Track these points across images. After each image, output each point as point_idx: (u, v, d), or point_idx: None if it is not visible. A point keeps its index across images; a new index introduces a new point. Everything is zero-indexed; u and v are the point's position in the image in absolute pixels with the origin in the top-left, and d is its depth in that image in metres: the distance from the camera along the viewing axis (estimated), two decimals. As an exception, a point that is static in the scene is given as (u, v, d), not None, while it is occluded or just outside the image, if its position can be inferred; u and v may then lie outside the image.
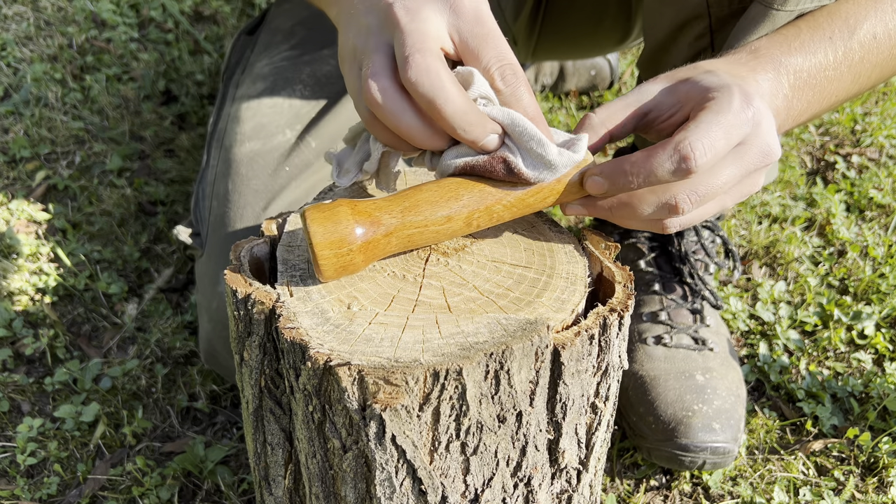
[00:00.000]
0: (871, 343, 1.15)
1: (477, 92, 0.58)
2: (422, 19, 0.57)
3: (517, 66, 0.59)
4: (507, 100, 0.59)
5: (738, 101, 0.58)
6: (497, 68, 0.58)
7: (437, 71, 0.55)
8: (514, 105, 0.59)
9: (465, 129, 0.56)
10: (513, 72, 0.58)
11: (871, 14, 0.70)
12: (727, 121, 0.58)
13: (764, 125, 0.60)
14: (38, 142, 1.49)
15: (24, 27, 1.73)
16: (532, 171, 0.59)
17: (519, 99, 0.59)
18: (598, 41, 1.28)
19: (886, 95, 1.63)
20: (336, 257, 0.55)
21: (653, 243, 1.10)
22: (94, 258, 1.28)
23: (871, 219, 1.37)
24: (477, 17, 0.58)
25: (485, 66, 0.58)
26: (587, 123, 0.64)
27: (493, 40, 0.58)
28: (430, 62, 0.55)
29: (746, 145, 0.60)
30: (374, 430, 0.53)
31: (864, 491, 0.98)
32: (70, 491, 0.99)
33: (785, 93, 0.66)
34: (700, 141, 0.57)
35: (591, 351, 0.58)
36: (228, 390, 1.10)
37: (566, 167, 0.59)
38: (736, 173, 0.60)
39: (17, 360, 1.15)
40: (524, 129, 0.57)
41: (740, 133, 0.59)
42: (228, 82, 1.11)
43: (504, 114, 0.58)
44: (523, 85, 0.59)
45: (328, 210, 0.55)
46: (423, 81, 0.55)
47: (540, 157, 0.58)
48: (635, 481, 1.01)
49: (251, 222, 0.95)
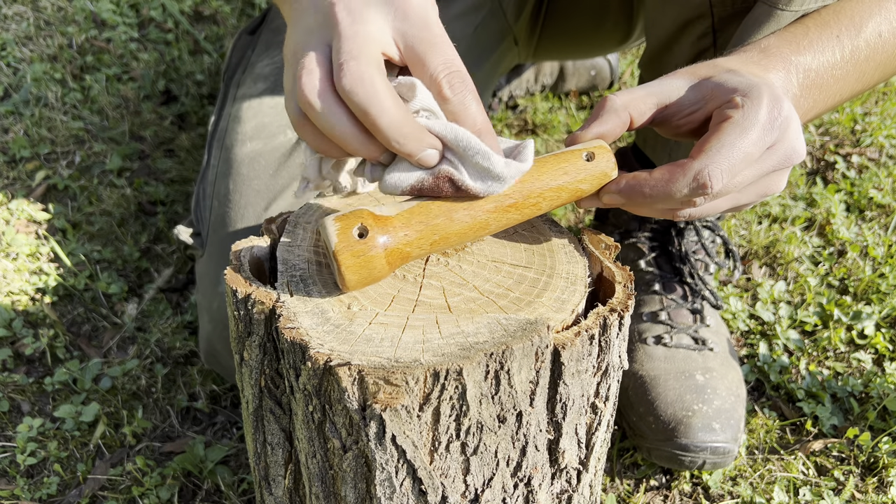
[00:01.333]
0: (871, 343, 1.15)
1: (418, 104, 0.55)
2: (363, 21, 0.55)
3: (465, 73, 0.56)
4: (454, 109, 0.56)
5: (767, 110, 0.58)
6: (444, 76, 0.55)
7: (371, 79, 0.52)
8: (462, 115, 0.56)
9: (400, 141, 0.54)
10: (461, 80, 0.56)
11: (875, 13, 0.70)
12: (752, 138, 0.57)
13: (792, 128, 0.59)
14: (38, 142, 1.49)
15: (24, 27, 1.73)
16: (479, 185, 0.57)
17: (466, 108, 0.56)
18: (599, 41, 1.28)
19: (886, 95, 1.63)
20: (360, 268, 0.55)
21: (653, 243, 1.10)
22: (94, 258, 1.28)
23: (871, 219, 1.37)
24: (424, 21, 0.56)
25: (431, 74, 0.55)
26: (608, 106, 0.62)
27: (440, 46, 0.56)
28: (365, 70, 0.52)
29: (772, 148, 0.59)
30: (374, 430, 0.53)
31: (864, 491, 0.98)
32: (70, 491, 0.99)
33: (794, 92, 0.66)
34: (719, 168, 0.57)
35: (591, 351, 0.58)
36: (228, 390, 1.10)
37: (514, 178, 0.58)
38: (755, 173, 0.60)
39: (17, 360, 1.15)
40: (468, 143, 0.55)
41: (768, 140, 0.59)
42: (229, 82, 1.11)
43: (447, 128, 0.55)
44: (471, 94, 0.56)
45: (350, 219, 0.55)
46: (357, 90, 0.52)
47: (486, 170, 0.56)
48: (635, 481, 1.01)
49: (252, 222, 0.95)
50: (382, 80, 0.53)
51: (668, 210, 0.62)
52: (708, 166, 0.57)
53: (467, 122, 0.56)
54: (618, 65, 1.65)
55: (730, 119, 0.58)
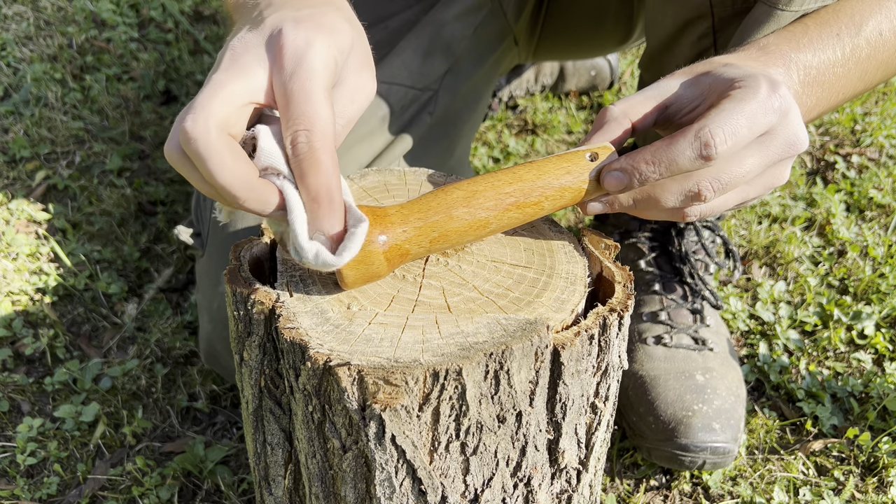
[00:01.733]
0: (871, 343, 1.15)
1: (263, 162, 0.52)
2: (238, 69, 0.52)
3: (316, 131, 0.51)
4: (298, 168, 0.52)
5: (765, 89, 0.58)
6: (292, 132, 0.51)
7: (206, 136, 0.49)
8: (301, 176, 0.52)
9: (243, 201, 0.51)
10: (307, 139, 0.51)
11: (876, 11, 0.70)
12: (751, 108, 0.57)
13: (791, 114, 0.59)
14: (38, 142, 1.49)
15: (24, 27, 1.73)
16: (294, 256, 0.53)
17: (304, 172, 0.51)
18: (599, 41, 1.28)
19: (886, 95, 1.63)
20: (359, 266, 0.55)
21: (653, 243, 1.10)
22: (94, 258, 1.28)
23: (871, 219, 1.37)
24: (294, 70, 0.52)
25: (286, 126, 0.52)
26: (608, 116, 0.62)
27: (300, 98, 0.51)
28: (203, 126, 0.49)
29: (772, 134, 0.59)
30: (374, 430, 0.53)
31: (864, 491, 0.98)
32: (70, 491, 0.99)
33: (796, 88, 0.66)
34: (721, 127, 0.56)
35: (590, 351, 0.58)
36: (228, 390, 1.10)
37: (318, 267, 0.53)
38: (761, 162, 0.59)
39: (17, 360, 1.15)
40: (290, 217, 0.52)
41: (766, 121, 0.58)
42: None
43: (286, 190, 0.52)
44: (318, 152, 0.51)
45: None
46: (190, 146, 0.50)
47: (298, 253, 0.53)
48: (635, 481, 1.01)
49: (253, 222, 0.95)
50: (220, 138, 0.50)
51: (676, 210, 0.61)
52: (708, 124, 0.56)
53: (304, 186, 0.52)
54: (618, 65, 1.65)
55: (728, 97, 0.58)
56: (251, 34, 0.54)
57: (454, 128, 1.13)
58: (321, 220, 0.52)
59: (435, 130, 1.09)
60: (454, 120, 1.13)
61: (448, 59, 1.09)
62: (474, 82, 1.14)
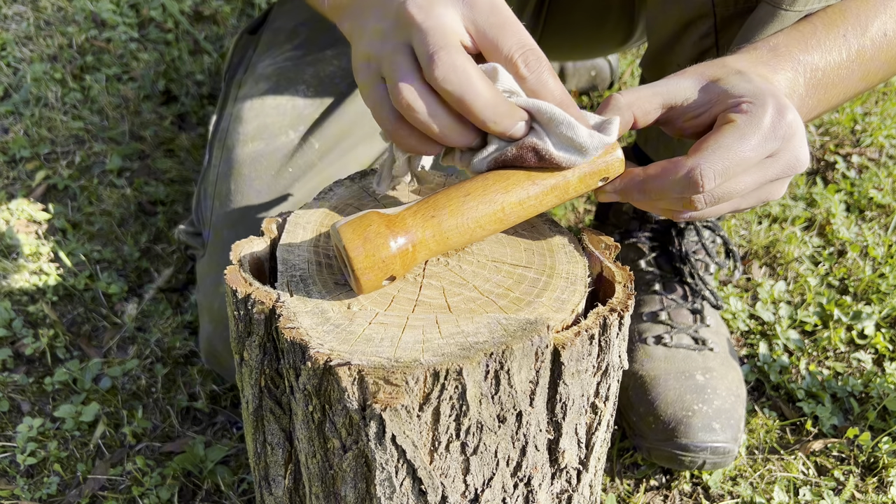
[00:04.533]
0: (871, 343, 1.15)
1: (502, 86, 0.57)
2: (437, 15, 0.56)
3: (539, 51, 0.58)
4: (532, 86, 0.58)
5: (771, 118, 0.58)
6: (520, 55, 0.57)
7: (463, 66, 0.54)
8: (541, 90, 0.58)
9: (497, 121, 0.56)
10: (536, 57, 0.57)
11: (881, 12, 0.70)
12: (751, 144, 0.58)
13: (796, 138, 0.60)
14: (38, 142, 1.49)
15: (24, 27, 1.73)
16: (564, 155, 0.58)
17: (544, 84, 0.58)
18: (600, 42, 1.28)
19: (886, 95, 1.63)
20: (375, 272, 0.55)
21: (653, 243, 1.10)
22: (94, 258, 1.28)
23: (871, 219, 1.37)
24: (492, 6, 0.57)
25: (506, 55, 0.57)
26: (613, 105, 0.62)
27: (511, 27, 0.57)
28: (456, 58, 0.54)
29: (774, 157, 0.60)
30: (374, 430, 0.53)
31: (864, 491, 0.98)
32: (70, 491, 0.99)
33: (800, 92, 0.66)
34: (712, 168, 0.57)
35: (591, 351, 0.58)
36: (228, 390, 1.10)
37: (597, 150, 0.59)
38: (757, 180, 0.60)
39: (17, 360, 1.15)
40: (552, 114, 0.57)
41: (769, 148, 0.59)
42: (231, 82, 1.11)
43: (530, 103, 0.57)
44: (547, 70, 0.58)
45: (363, 225, 0.55)
46: (451, 79, 0.54)
47: (570, 140, 0.57)
48: (635, 481, 1.01)
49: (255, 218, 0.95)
50: (472, 65, 0.55)
51: (669, 210, 0.63)
52: (701, 165, 0.57)
53: (547, 96, 0.58)
54: (618, 65, 1.65)
55: (732, 122, 0.59)
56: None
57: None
58: (575, 115, 0.58)
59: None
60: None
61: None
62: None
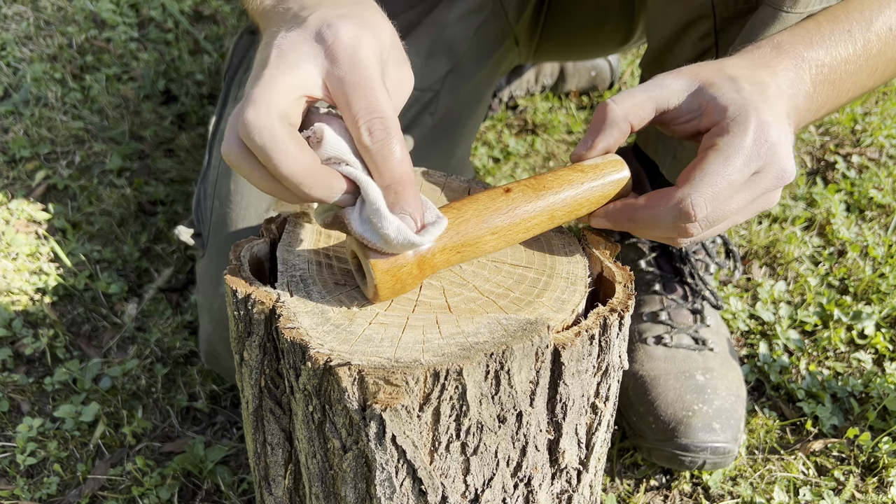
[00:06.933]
0: (871, 343, 1.15)
1: (327, 153, 0.54)
2: (288, 65, 0.54)
3: (389, 119, 0.54)
4: (373, 157, 0.53)
5: (753, 137, 0.59)
6: (365, 121, 0.53)
7: (269, 128, 0.51)
8: (381, 164, 0.53)
9: (308, 189, 0.52)
10: (383, 126, 0.53)
11: (885, 7, 0.70)
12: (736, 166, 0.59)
13: (780, 152, 0.60)
14: (37, 142, 1.49)
15: (23, 27, 1.73)
16: (368, 237, 0.54)
17: (386, 158, 0.53)
18: (600, 42, 1.28)
19: (886, 95, 1.63)
20: (393, 282, 0.55)
21: (653, 243, 1.10)
22: (94, 258, 1.28)
23: (871, 219, 1.37)
24: (352, 63, 0.53)
25: (353, 118, 0.53)
26: (610, 118, 0.63)
27: (365, 89, 0.53)
28: (265, 119, 0.51)
29: (760, 174, 0.60)
30: (375, 430, 0.53)
31: (864, 491, 0.98)
32: (70, 491, 0.99)
33: (807, 89, 0.66)
34: (703, 197, 0.58)
35: (591, 351, 0.58)
36: (228, 390, 1.10)
37: (402, 248, 0.54)
38: (748, 198, 0.61)
39: (17, 360, 1.15)
40: (366, 194, 0.53)
41: (754, 167, 0.60)
42: (231, 82, 1.11)
43: (354, 174, 0.54)
44: (394, 141, 0.53)
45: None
46: (253, 138, 0.51)
47: (375, 227, 0.53)
48: (635, 481, 1.01)
49: (253, 223, 0.95)
50: (282, 128, 0.52)
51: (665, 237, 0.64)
52: (691, 195, 0.58)
53: (385, 172, 0.54)
54: (618, 65, 1.65)
55: (715, 147, 0.59)
56: (295, 33, 0.55)
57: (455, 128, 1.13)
58: (405, 201, 0.54)
59: (436, 131, 1.09)
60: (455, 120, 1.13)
61: (450, 59, 1.09)
62: (475, 83, 1.14)
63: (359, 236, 0.54)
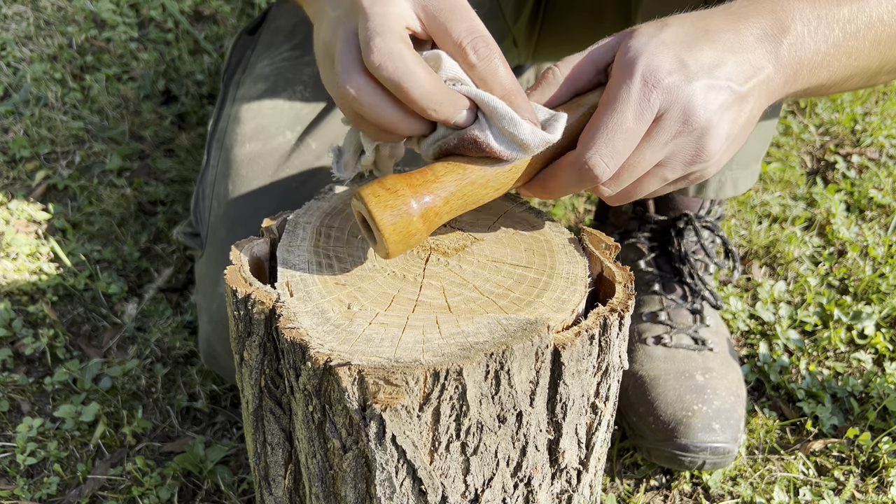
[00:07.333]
0: (871, 343, 1.15)
1: (446, 74, 0.56)
2: (383, 2, 0.55)
3: (489, 38, 0.56)
4: (481, 74, 0.57)
5: (639, 84, 0.57)
6: (469, 42, 0.56)
7: (399, 52, 0.53)
8: (490, 79, 0.57)
9: (436, 108, 0.55)
10: (485, 44, 0.56)
11: None
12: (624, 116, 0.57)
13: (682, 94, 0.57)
14: (37, 141, 1.49)
15: (23, 27, 1.73)
16: (504, 149, 0.57)
17: (494, 72, 0.57)
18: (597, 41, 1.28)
19: (886, 95, 1.63)
20: (400, 234, 0.55)
21: (653, 243, 1.10)
22: (94, 258, 1.28)
23: (871, 219, 1.37)
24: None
25: (455, 41, 0.56)
26: (549, 78, 0.62)
27: (462, 13, 0.56)
28: (392, 44, 0.53)
29: (662, 119, 0.58)
30: (374, 430, 0.53)
31: (864, 491, 0.98)
32: (70, 491, 0.99)
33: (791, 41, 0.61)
34: (598, 155, 0.57)
35: (591, 351, 0.58)
36: (228, 390, 1.10)
37: (539, 147, 0.58)
38: (658, 146, 0.58)
39: (17, 360, 1.15)
40: (495, 107, 0.56)
41: (648, 115, 0.57)
42: (229, 82, 1.11)
43: (475, 92, 0.57)
44: (497, 57, 0.56)
45: (384, 187, 0.55)
46: (387, 65, 0.53)
47: (512, 135, 0.57)
48: (635, 481, 1.01)
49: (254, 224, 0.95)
50: (410, 51, 0.54)
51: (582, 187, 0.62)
52: (585, 154, 0.57)
53: (495, 86, 0.57)
54: (618, 65, 1.65)
55: (602, 101, 0.58)
56: None
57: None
58: (521, 108, 0.57)
59: (435, 130, 1.08)
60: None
61: (449, 59, 1.08)
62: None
63: (497, 150, 0.57)
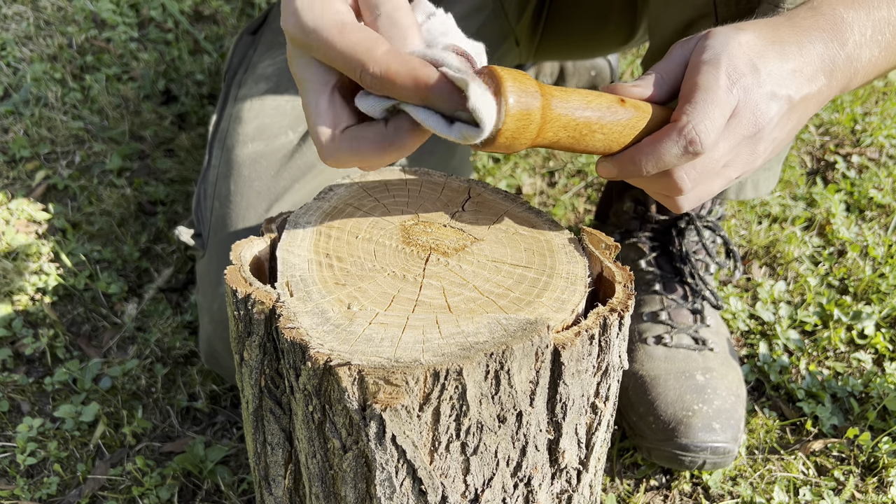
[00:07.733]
0: (871, 343, 1.15)
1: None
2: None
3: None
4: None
5: (725, 75, 0.59)
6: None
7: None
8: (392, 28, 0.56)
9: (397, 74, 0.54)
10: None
11: None
12: (718, 95, 0.59)
13: (753, 96, 0.60)
14: (37, 142, 1.49)
15: (23, 27, 1.73)
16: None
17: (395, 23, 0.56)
18: (601, 42, 1.28)
19: (886, 95, 1.63)
20: (517, 119, 0.54)
21: (653, 243, 1.10)
22: (94, 258, 1.28)
23: (871, 219, 1.37)
24: None
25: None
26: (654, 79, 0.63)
27: None
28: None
29: (736, 116, 0.60)
30: (374, 430, 0.53)
31: (864, 491, 0.98)
32: (70, 491, 0.99)
33: (848, 52, 0.64)
34: (703, 122, 0.58)
35: (591, 351, 0.58)
36: (228, 390, 1.10)
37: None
38: (731, 143, 0.61)
39: (17, 360, 1.15)
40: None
41: (731, 104, 0.59)
42: (231, 82, 1.11)
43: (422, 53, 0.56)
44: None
45: (517, 73, 0.55)
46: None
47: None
48: (635, 481, 1.01)
49: (253, 223, 0.95)
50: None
51: (663, 197, 0.63)
52: (691, 121, 0.58)
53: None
54: (618, 65, 1.65)
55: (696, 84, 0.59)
56: None
57: (455, 128, 1.13)
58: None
59: (436, 131, 1.08)
60: (455, 120, 1.12)
61: (450, 59, 1.08)
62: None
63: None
